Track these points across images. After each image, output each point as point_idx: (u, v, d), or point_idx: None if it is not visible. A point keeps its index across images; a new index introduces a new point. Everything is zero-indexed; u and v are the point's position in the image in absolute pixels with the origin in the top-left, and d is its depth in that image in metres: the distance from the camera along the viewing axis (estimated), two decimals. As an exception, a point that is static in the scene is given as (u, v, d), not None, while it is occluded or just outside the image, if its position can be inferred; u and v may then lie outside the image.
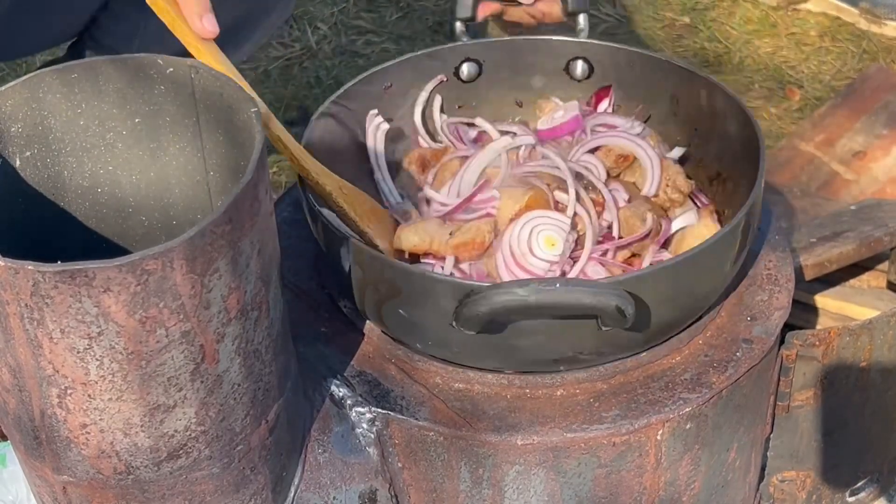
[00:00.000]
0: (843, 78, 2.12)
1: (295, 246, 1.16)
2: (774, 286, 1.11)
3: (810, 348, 1.08)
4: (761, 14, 2.30)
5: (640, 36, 2.24)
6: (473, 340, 0.95)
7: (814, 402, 1.12)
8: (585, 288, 0.90)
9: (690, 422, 1.00)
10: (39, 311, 0.73)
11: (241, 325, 0.81)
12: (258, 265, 0.81)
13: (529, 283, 0.90)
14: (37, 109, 0.86)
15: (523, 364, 1.01)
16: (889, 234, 1.45)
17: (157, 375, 0.78)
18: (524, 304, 0.90)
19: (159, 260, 0.72)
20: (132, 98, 0.88)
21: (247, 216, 0.78)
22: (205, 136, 0.89)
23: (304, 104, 2.10)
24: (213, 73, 0.86)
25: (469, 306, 0.91)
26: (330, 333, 1.08)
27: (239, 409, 0.84)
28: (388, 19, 2.31)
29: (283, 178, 1.95)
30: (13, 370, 0.78)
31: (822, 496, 1.21)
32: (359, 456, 1.00)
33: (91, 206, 0.92)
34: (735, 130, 1.12)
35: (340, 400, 1.01)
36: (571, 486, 1.01)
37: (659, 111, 1.21)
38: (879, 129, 1.85)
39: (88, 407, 0.78)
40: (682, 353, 1.04)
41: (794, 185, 1.70)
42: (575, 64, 1.23)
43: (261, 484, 0.91)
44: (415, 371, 1.03)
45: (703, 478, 1.06)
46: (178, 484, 0.85)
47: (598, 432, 0.98)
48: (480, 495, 1.02)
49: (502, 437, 0.98)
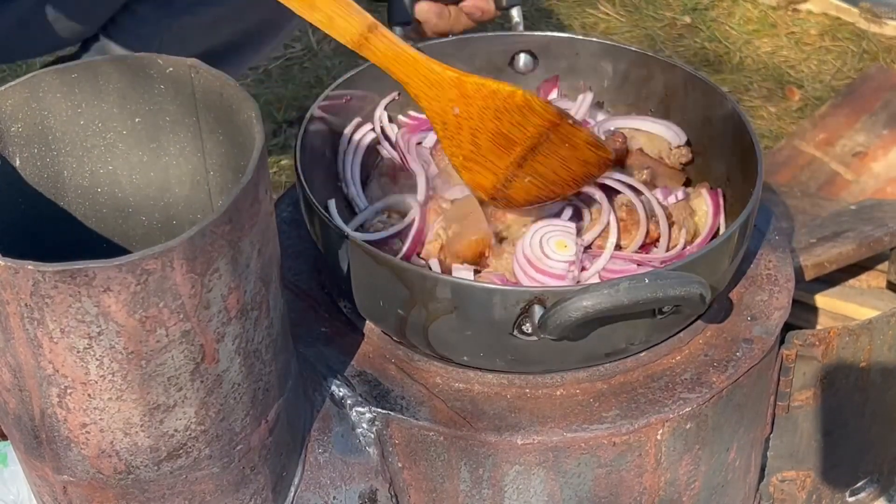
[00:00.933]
0: (843, 78, 2.12)
1: (295, 246, 1.16)
2: (774, 286, 1.11)
3: (810, 348, 1.09)
4: (761, 14, 2.30)
5: (640, 36, 2.24)
6: (534, 346, 0.96)
7: (814, 402, 1.12)
8: (672, 280, 0.92)
9: (690, 422, 1.00)
10: (39, 310, 0.73)
11: (241, 325, 0.81)
12: (258, 265, 0.81)
13: (620, 282, 0.91)
14: (37, 109, 0.86)
15: (578, 362, 1.01)
16: (889, 234, 1.45)
17: (157, 375, 0.78)
18: (618, 302, 0.90)
19: (159, 260, 0.72)
20: (132, 98, 0.88)
21: (247, 216, 0.78)
22: (205, 136, 0.89)
23: (305, 104, 2.10)
24: (213, 73, 0.85)
25: (558, 313, 0.91)
26: (330, 333, 1.08)
27: (239, 408, 0.84)
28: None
29: (283, 178, 1.95)
30: (13, 370, 0.78)
31: (822, 496, 1.21)
32: (359, 456, 1.00)
33: (91, 206, 0.92)
34: (694, 105, 1.14)
35: (340, 400, 1.01)
36: (571, 486, 1.01)
37: (609, 94, 1.22)
38: (879, 129, 1.85)
39: (88, 406, 0.78)
40: (682, 353, 1.04)
41: (794, 185, 1.70)
42: (518, 57, 1.24)
43: (261, 484, 0.91)
44: (415, 371, 1.03)
45: (703, 478, 1.06)
46: (178, 483, 0.85)
47: (598, 432, 0.98)
48: (480, 495, 1.02)
49: (502, 437, 0.98)
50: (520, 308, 0.94)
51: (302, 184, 1.04)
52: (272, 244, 0.84)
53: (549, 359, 1.00)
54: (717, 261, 1.00)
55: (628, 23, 2.28)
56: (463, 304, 0.95)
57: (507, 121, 1.04)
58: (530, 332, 0.94)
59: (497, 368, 1.02)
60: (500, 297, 0.94)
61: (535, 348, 0.97)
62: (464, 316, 0.96)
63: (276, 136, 2.04)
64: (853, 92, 1.95)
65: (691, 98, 1.16)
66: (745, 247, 1.05)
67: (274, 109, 2.09)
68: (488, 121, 1.05)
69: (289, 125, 2.06)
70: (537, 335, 0.94)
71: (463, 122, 1.05)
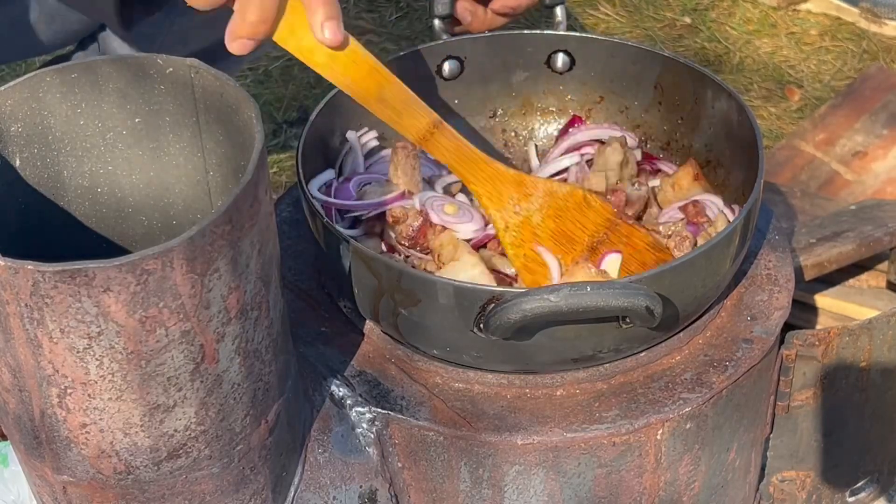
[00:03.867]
0: (843, 78, 2.12)
1: (295, 246, 1.16)
2: (774, 286, 1.11)
3: (810, 348, 1.08)
4: (761, 14, 2.30)
5: (640, 36, 2.24)
6: (494, 345, 0.96)
7: (813, 402, 1.12)
8: (616, 290, 0.90)
9: (690, 422, 1.00)
10: (39, 310, 0.73)
11: (241, 325, 0.81)
12: (258, 265, 0.81)
13: (560, 289, 0.90)
14: (37, 109, 0.86)
15: (543, 365, 1.01)
16: (889, 234, 1.45)
17: (156, 375, 0.78)
18: (556, 308, 0.90)
19: (159, 260, 0.72)
20: (132, 98, 0.88)
21: (247, 216, 0.78)
22: (205, 136, 0.89)
23: (304, 104, 2.10)
24: (213, 73, 0.85)
25: (499, 314, 0.91)
26: (330, 333, 1.08)
27: (239, 408, 0.84)
28: (388, 19, 2.31)
29: (283, 178, 1.95)
30: (13, 370, 0.78)
31: (822, 496, 1.21)
32: (359, 456, 1.00)
33: (91, 206, 0.92)
34: (722, 115, 1.13)
35: (340, 400, 1.01)
36: (571, 486, 1.01)
37: (642, 101, 1.22)
38: (879, 129, 1.85)
39: (88, 407, 0.78)
40: (682, 353, 1.04)
41: (794, 185, 1.70)
42: (556, 57, 1.24)
43: (261, 484, 0.91)
44: (415, 371, 1.03)
45: (703, 478, 1.06)
46: (178, 484, 0.85)
47: (598, 432, 0.98)
48: (480, 495, 1.02)
49: (502, 437, 0.98)
50: (478, 306, 0.93)
51: (302, 184, 1.04)
52: (272, 244, 0.84)
53: (515, 359, 1.00)
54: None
55: (628, 23, 2.28)
56: (427, 298, 0.95)
57: (568, 219, 1.06)
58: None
59: (465, 364, 1.02)
60: (457, 293, 0.94)
61: (499, 347, 0.96)
62: (429, 309, 0.96)
63: (276, 136, 2.04)
64: (853, 92, 1.95)
65: (717, 108, 1.15)
66: (745, 248, 1.05)
67: (274, 109, 2.09)
68: (549, 220, 1.07)
69: (289, 125, 2.06)
70: (485, 334, 0.94)
71: (524, 223, 1.06)
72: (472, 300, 0.94)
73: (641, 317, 0.91)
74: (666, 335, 1.03)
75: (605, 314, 0.92)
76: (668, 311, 0.95)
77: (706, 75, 1.15)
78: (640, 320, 0.92)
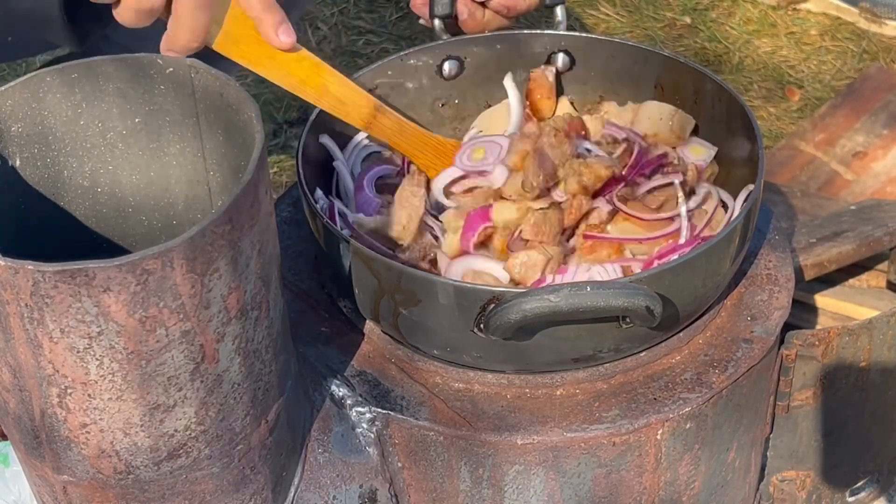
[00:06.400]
0: (843, 78, 2.12)
1: (295, 246, 1.16)
2: (774, 286, 1.11)
3: (810, 348, 1.09)
4: (761, 14, 2.30)
5: (640, 36, 2.24)
6: (494, 345, 0.96)
7: (813, 402, 1.12)
8: (616, 290, 0.91)
9: (690, 421, 1.00)
10: (39, 310, 0.73)
11: (241, 325, 0.81)
12: (258, 265, 0.81)
13: (561, 289, 0.90)
14: (37, 109, 0.86)
15: (543, 365, 1.01)
16: (889, 234, 1.45)
17: (157, 375, 0.78)
18: (556, 308, 0.90)
19: (159, 259, 0.72)
20: (132, 98, 0.88)
21: (247, 216, 0.78)
22: (205, 136, 0.89)
23: (304, 104, 2.10)
24: (213, 73, 0.86)
25: (499, 314, 0.91)
26: (330, 333, 1.08)
27: (239, 408, 0.84)
28: (388, 19, 2.31)
29: (283, 178, 1.95)
30: (13, 370, 0.78)
31: (822, 496, 1.21)
32: (359, 456, 1.00)
33: (91, 205, 0.92)
34: (723, 115, 1.13)
35: (340, 400, 1.01)
36: (571, 486, 1.01)
37: (642, 100, 1.22)
38: (879, 129, 1.85)
39: (88, 406, 0.78)
40: (682, 353, 1.04)
41: (794, 185, 1.70)
42: (556, 57, 1.24)
43: (261, 484, 0.91)
44: (415, 371, 1.03)
45: (702, 478, 1.06)
46: (178, 483, 0.85)
47: (598, 432, 0.98)
48: (480, 495, 1.02)
49: (502, 437, 0.98)
50: (478, 306, 0.93)
51: (302, 184, 1.04)
52: (272, 244, 0.84)
53: (515, 359, 1.00)
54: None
55: (628, 23, 2.28)
56: (428, 298, 0.96)
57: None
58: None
59: (465, 364, 1.02)
60: (457, 293, 0.94)
61: (499, 347, 0.96)
62: (429, 309, 0.96)
63: (276, 136, 2.04)
64: (853, 92, 1.95)
65: (717, 108, 1.14)
66: (745, 248, 1.05)
67: (274, 109, 2.09)
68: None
69: (289, 125, 2.06)
70: (485, 334, 0.94)
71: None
72: (473, 300, 0.94)
73: (641, 317, 0.92)
74: (666, 335, 1.03)
75: (606, 314, 0.92)
76: (668, 310, 0.95)
77: (706, 75, 1.15)
78: (641, 320, 0.93)
